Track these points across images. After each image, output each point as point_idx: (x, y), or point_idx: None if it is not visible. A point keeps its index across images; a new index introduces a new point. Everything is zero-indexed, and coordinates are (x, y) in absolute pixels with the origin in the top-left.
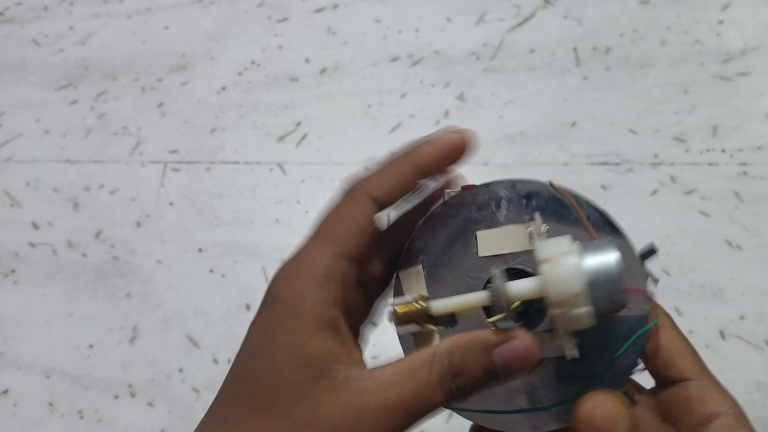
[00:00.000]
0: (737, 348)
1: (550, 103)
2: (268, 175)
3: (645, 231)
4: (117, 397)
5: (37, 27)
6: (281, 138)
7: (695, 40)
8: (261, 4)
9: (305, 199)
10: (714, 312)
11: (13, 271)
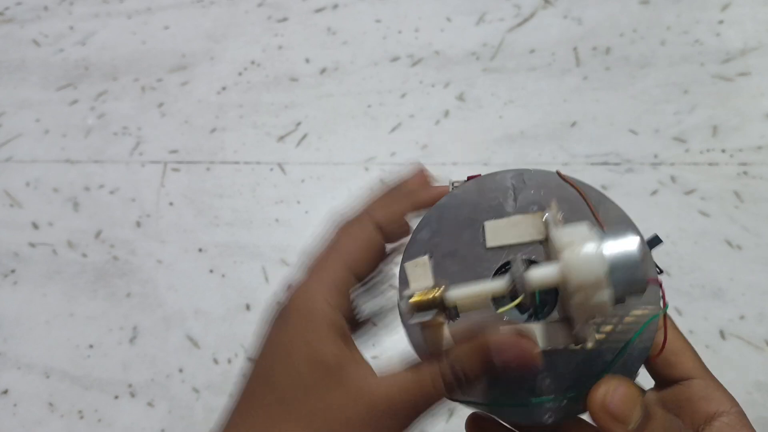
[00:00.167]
0: (737, 348)
1: (550, 103)
2: (268, 175)
3: (645, 231)
4: (117, 397)
5: (37, 27)
6: (281, 138)
7: (695, 40)
8: (261, 4)
9: (305, 199)
10: (714, 312)
11: (13, 271)
